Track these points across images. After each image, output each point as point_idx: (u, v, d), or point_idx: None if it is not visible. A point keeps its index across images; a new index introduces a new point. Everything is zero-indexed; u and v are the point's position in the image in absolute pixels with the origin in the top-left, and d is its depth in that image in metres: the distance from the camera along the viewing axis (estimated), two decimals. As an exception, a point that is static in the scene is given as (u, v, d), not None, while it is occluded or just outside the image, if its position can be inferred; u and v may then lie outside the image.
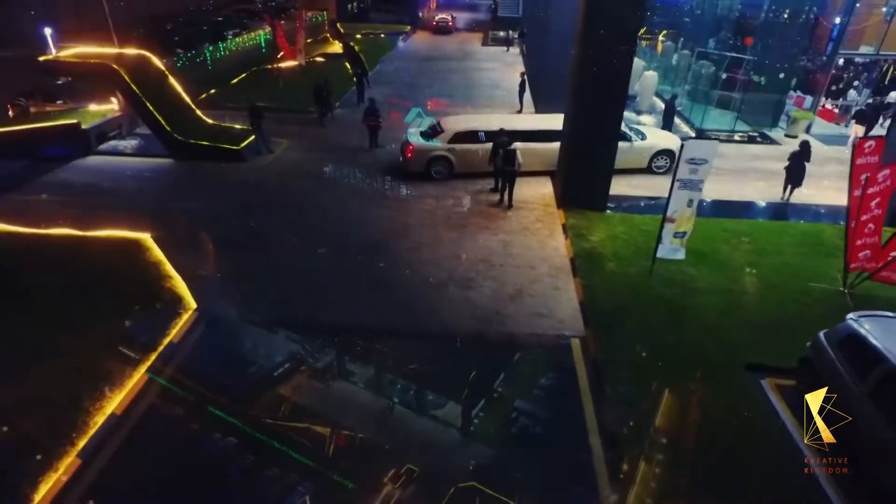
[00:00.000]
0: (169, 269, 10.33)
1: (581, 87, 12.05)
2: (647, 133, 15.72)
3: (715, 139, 8.99)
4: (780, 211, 13.73)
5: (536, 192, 14.25)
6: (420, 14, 49.83)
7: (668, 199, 9.59)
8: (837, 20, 17.76)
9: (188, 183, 14.72)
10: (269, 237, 11.80)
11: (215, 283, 10.19)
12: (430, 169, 14.90)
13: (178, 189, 14.30)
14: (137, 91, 15.24)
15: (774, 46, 18.89)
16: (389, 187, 14.36)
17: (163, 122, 15.56)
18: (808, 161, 13.40)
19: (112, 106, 17.70)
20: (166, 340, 8.62)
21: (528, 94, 21.85)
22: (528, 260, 11.16)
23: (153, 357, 8.27)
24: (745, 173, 15.65)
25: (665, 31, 30.75)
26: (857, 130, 17.27)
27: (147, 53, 16.61)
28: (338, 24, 38.25)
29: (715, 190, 14.47)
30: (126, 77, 15.10)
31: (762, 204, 14.03)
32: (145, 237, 11.25)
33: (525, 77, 21.00)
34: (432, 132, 15.22)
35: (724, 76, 19.92)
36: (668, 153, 15.25)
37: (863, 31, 21.06)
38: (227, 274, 10.52)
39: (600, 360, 8.45)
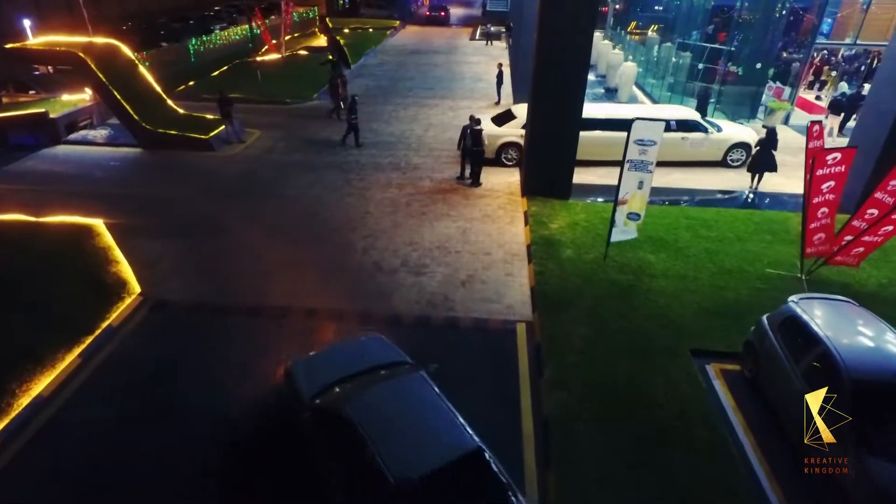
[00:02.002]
0: (117, 254, 10.24)
1: (541, 74, 11.92)
2: (723, 125, 15.41)
3: (662, 121, 8.72)
4: (746, 200, 13.58)
5: (503, 180, 14.13)
6: (412, 9, 49.73)
7: (619, 181, 9.46)
8: (814, 11, 17.52)
9: (154, 171, 14.63)
10: (227, 224, 11.70)
11: (164, 269, 10.09)
12: (500, 155, 14.81)
13: (143, 177, 14.21)
14: (105, 80, 15.14)
15: (751, 37, 18.71)
16: (356, 176, 14.24)
17: (131, 111, 15.47)
18: (775, 149, 13.25)
19: (84, 96, 17.62)
20: (104, 324, 8.52)
21: (509, 87, 21.78)
22: (485, 247, 11.04)
23: (89, 340, 8.17)
24: (715, 163, 15.49)
25: (655, 26, 30.67)
26: (832, 122, 17.12)
27: (116, 42, 16.51)
28: (327, 19, 38.26)
29: (683, 179, 14.38)
30: (93, 65, 15.00)
31: (730, 193, 13.89)
32: (97, 223, 11.15)
33: (502, 69, 20.84)
34: (504, 118, 15.05)
35: (701, 67, 19.74)
36: (744, 146, 14.99)
37: (848, 22, 20.92)
38: (179, 259, 10.41)
39: (544, 344, 8.33)
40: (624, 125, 13.64)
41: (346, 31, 36.80)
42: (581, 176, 14.09)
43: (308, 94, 21.49)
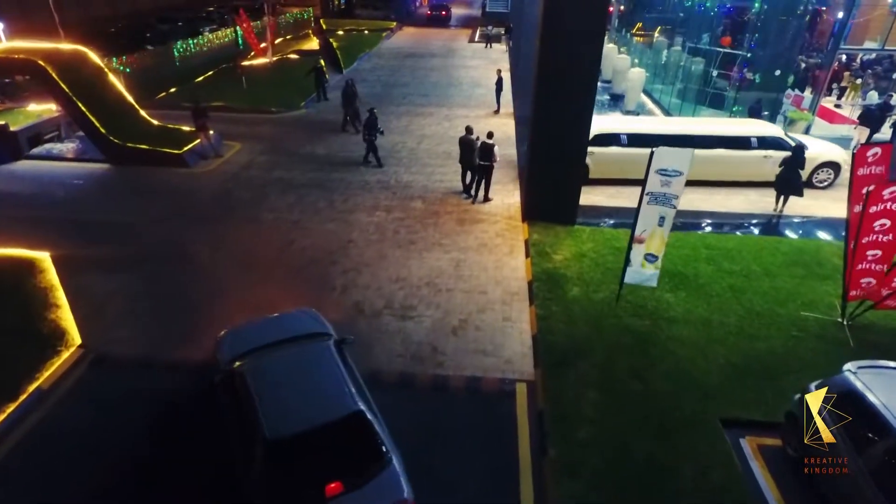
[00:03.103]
0: (60, 295, 8.98)
1: (544, 86, 10.64)
2: (808, 142, 13.99)
3: (690, 149, 7.45)
4: (772, 225, 12.29)
5: (502, 202, 12.84)
6: (410, 9, 48.44)
7: (636, 215, 8.18)
8: (840, 14, 16.20)
9: (119, 191, 13.37)
10: (192, 255, 10.43)
11: (114, 312, 8.83)
12: None
13: (106, 198, 12.95)
14: (67, 90, 13.88)
15: (769, 41, 17.41)
16: (340, 197, 12.96)
17: (97, 123, 14.21)
18: (802, 168, 11.95)
19: (52, 106, 16.36)
20: (32, 387, 7.25)
21: (510, 94, 20.53)
22: (481, 283, 9.77)
23: (10, 409, 6.91)
24: (734, 182, 14.17)
25: (660, 28, 29.38)
26: (860, 134, 15.81)
27: (84, 49, 15.26)
28: (321, 21, 37.00)
29: (700, 201, 13.08)
30: (54, 74, 13.75)
31: (753, 217, 12.58)
32: (42, 256, 9.90)
33: (501, 75, 19.55)
34: None
35: (714, 73, 18.44)
36: (832, 165, 13.66)
37: (867, 25, 19.59)
38: (132, 300, 9.15)
39: (548, 412, 7.06)
40: (692, 141, 12.45)
41: (341, 32, 35.52)
42: (587, 196, 12.83)
43: (296, 103, 20.21)
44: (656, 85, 22.77)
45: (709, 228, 11.89)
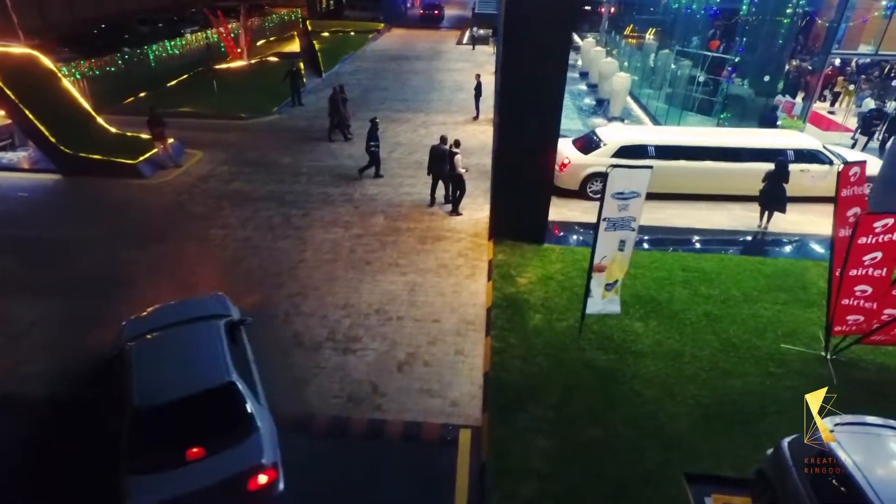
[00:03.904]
0: (-30, 327, 8.23)
1: (508, 92, 9.89)
2: (847, 154, 13.19)
3: (649, 166, 6.68)
4: (755, 243, 11.53)
5: (469, 217, 12.08)
6: (400, 10, 47.68)
7: (594, 243, 7.42)
8: (829, 15, 15.45)
9: (65, 204, 12.63)
10: (130, 278, 9.66)
11: (29, 345, 8.07)
12: (586, 187, 12.90)
13: (50, 212, 12.20)
14: (13, 96, 13.12)
15: (757, 45, 16.65)
16: (298, 211, 12.20)
17: (46, 132, 13.46)
18: (787, 182, 11.19)
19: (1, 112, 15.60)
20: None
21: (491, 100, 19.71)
22: (436, 310, 9.00)
23: None
24: (722, 196, 13.39)
25: (652, 30, 28.60)
26: (862, 142, 15.06)
27: (34, 52, 14.50)
28: (307, 22, 36.27)
29: (680, 217, 12.33)
30: (-2, 80, 13.00)
31: (735, 234, 11.83)
32: (-42, 282, 9.15)
33: (480, 80, 18.79)
34: (589, 145, 13.18)
35: (700, 78, 17.68)
36: (870, 180, 12.86)
37: (862, 29, 18.86)
38: (53, 330, 8.39)
39: (491, 464, 6.30)
40: (724, 154, 12.21)
41: (326, 34, 34.78)
42: (559, 211, 12.10)
43: (268, 108, 19.45)
44: (645, 90, 22.01)
45: (688, 247, 11.13)
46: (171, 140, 14.88)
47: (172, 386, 5.58)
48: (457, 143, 11.84)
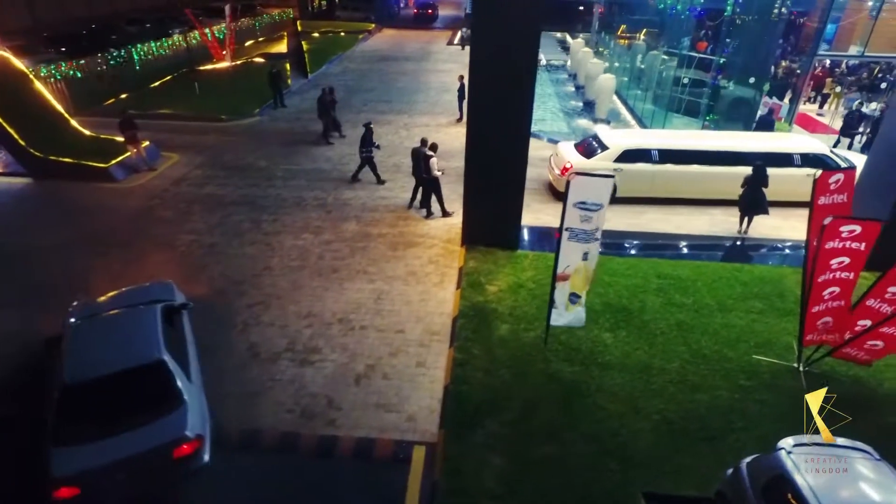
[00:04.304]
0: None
1: (477, 95, 9.64)
2: (855, 159, 12.70)
3: (611, 175, 6.44)
4: (734, 249, 11.30)
5: (444, 222, 11.83)
6: (393, 10, 47.39)
7: (557, 251, 7.18)
8: (815, 15, 15.20)
9: (31, 209, 12.36)
10: (90, 287, 9.38)
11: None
12: None
13: (14, 217, 11.94)
14: (-21, 98, 12.88)
15: (743, 46, 16.41)
16: (269, 217, 11.95)
17: (15, 135, 13.20)
18: (766, 186, 10.95)
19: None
20: None
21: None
22: (401, 320, 8.76)
23: None
24: (701, 200, 13.13)
25: (645, 31, 28.36)
26: (844, 144, 14.84)
27: (4, 54, 14.23)
28: (297, 23, 36.01)
29: (659, 221, 12.10)
30: (-35, 81, 12.75)
31: (714, 239, 11.58)
32: None
33: (464, 81, 18.50)
34: (591, 149, 12.92)
35: (685, 79, 17.43)
36: None
37: (853, 30, 18.61)
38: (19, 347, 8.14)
39: (442, 484, 6.06)
40: (729, 158, 11.88)
41: (316, 35, 34.52)
42: (537, 216, 11.87)
43: (250, 110, 19.20)
44: (633, 91, 21.77)
45: (665, 253, 10.88)
46: (146, 143, 14.64)
47: (103, 363, 5.94)
48: (433, 147, 11.61)
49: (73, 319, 6.98)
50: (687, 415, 7.08)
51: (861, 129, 15.32)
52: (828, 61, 20.55)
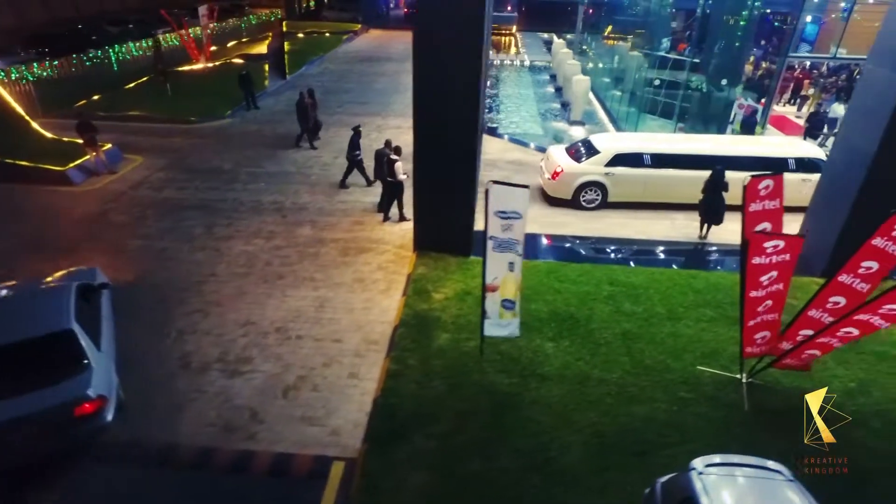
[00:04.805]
0: None
1: (423, 94, 9.41)
2: None
3: (525, 186, 6.24)
4: (692, 255, 11.10)
5: (401, 227, 11.62)
6: (381, 10, 47.16)
7: (484, 261, 6.98)
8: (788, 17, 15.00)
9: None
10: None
11: None
12: (579, 196, 12.48)
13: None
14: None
15: (716, 48, 16.21)
16: (223, 221, 11.74)
17: (-30, 137, 13.03)
18: (726, 191, 10.75)
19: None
20: None
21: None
22: (340, 328, 8.56)
23: None
24: (665, 205, 12.90)
25: (634, 31, 28.18)
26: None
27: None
28: (283, 23, 35.80)
29: (619, 226, 11.91)
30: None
31: (673, 245, 11.39)
32: None
33: (435, 82, 18.31)
34: (582, 152, 12.79)
35: (656, 81, 17.23)
36: None
37: (833, 31, 18.41)
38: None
39: (356, 502, 5.86)
40: (723, 163, 11.17)
41: (301, 35, 34.33)
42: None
43: (221, 112, 19.00)
44: (611, 92, 21.57)
45: (621, 259, 10.69)
46: (107, 145, 14.47)
47: (8, 332, 6.37)
48: (397, 150, 11.43)
49: None
50: (621, 428, 6.88)
51: (826, 131, 15.12)
52: (807, 63, 20.36)
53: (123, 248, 10.72)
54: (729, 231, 11.48)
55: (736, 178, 11.46)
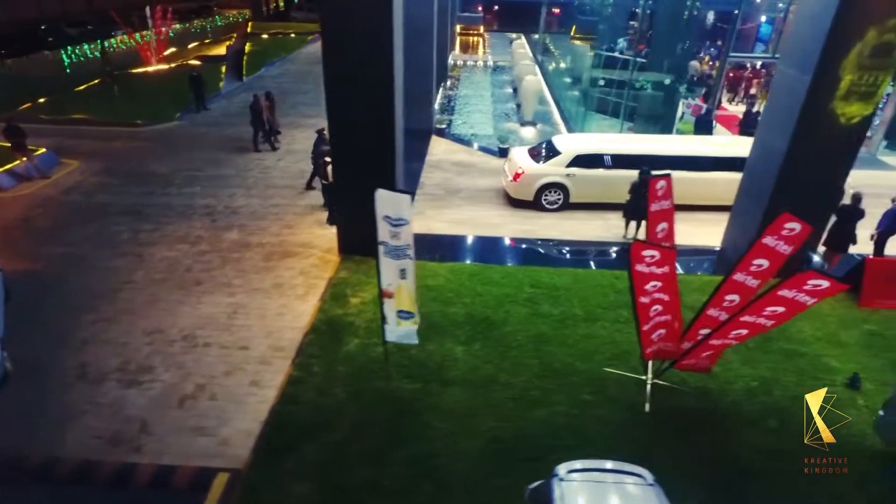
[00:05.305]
0: None
1: (335, 90, 9.30)
2: None
3: (409, 192, 6.17)
4: (620, 255, 11.10)
5: (332, 231, 11.46)
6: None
7: (377, 265, 6.89)
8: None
9: None
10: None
11: None
12: (541, 197, 12.41)
13: None
14: None
15: (660, 47, 16.29)
16: (150, 226, 11.52)
17: None
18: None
19: None
20: None
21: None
22: (250, 335, 8.40)
23: None
24: (604, 205, 12.89)
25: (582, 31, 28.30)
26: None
27: None
28: (249, 24, 35.54)
29: (552, 227, 11.89)
30: None
31: (602, 245, 11.39)
32: None
33: (385, 83, 18.18)
34: (543, 154, 12.70)
35: (601, 81, 17.28)
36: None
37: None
38: None
39: (235, 517, 5.73)
40: (687, 163, 11.56)
41: (265, 36, 34.00)
42: (428, 223, 11.59)
43: (169, 114, 18.72)
44: (568, 92, 21.60)
45: (547, 261, 10.66)
46: (41, 150, 14.18)
47: None
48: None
49: None
50: (519, 432, 6.82)
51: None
52: (758, 63, 20.57)
53: (40, 255, 10.45)
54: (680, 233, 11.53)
55: (695, 178, 11.57)
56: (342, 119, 9.34)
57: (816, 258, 9.90)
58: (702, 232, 11.48)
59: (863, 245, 10.11)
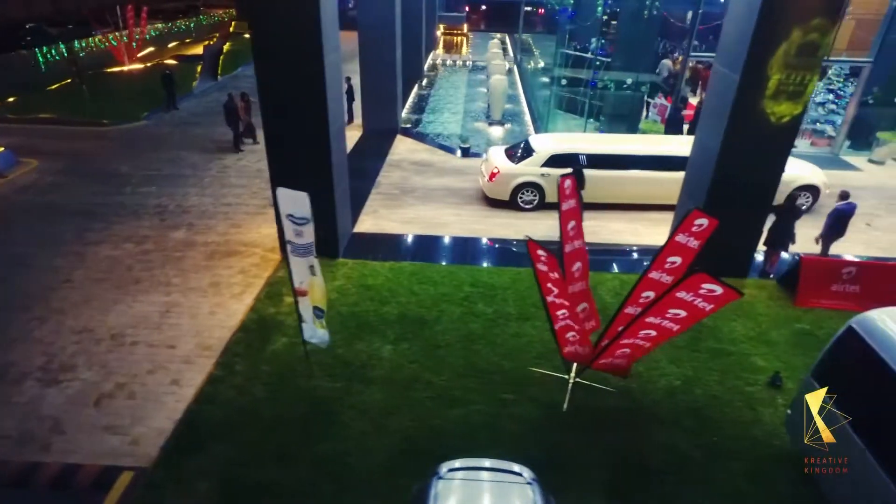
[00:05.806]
0: None
1: (267, 85, 9.21)
2: (798, 165, 12.45)
3: (307, 192, 6.15)
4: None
5: (274, 231, 11.45)
6: (345, 6, 46.75)
7: (288, 265, 6.87)
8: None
9: None
10: None
11: None
12: (517, 197, 12.45)
13: None
14: None
15: (623, 46, 16.29)
16: (99, 225, 11.50)
17: None
18: (583, 188, 10.80)
19: None
20: None
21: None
22: (179, 334, 8.38)
23: None
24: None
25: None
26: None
27: None
28: (232, 24, 35.51)
29: (502, 226, 11.87)
30: None
31: (548, 244, 11.29)
32: None
33: (351, 83, 18.21)
34: (520, 153, 12.71)
35: (563, 80, 17.28)
36: (810, 189, 12.33)
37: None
38: None
39: (132, 516, 5.72)
40: (661, 163, 11.70)
41: (247, 36, 33.91)
42: (379, 223, 11.58)
43: (137, 114, 18.69)
44: (539, 92, 21.60)
45: (489, 260, 10.64)
46: (0, 149, 14.15)
47: None
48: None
49: None
50: (433, 433, 6.80)
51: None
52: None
53: (-15, 254, 10.44)
54: (611, 230, 11.58)
55: (668, 178, 11.53)
56: (276, 119, 9.28)
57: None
58: (656, 232, 11.47)
59: (808, 246, 10.08)
